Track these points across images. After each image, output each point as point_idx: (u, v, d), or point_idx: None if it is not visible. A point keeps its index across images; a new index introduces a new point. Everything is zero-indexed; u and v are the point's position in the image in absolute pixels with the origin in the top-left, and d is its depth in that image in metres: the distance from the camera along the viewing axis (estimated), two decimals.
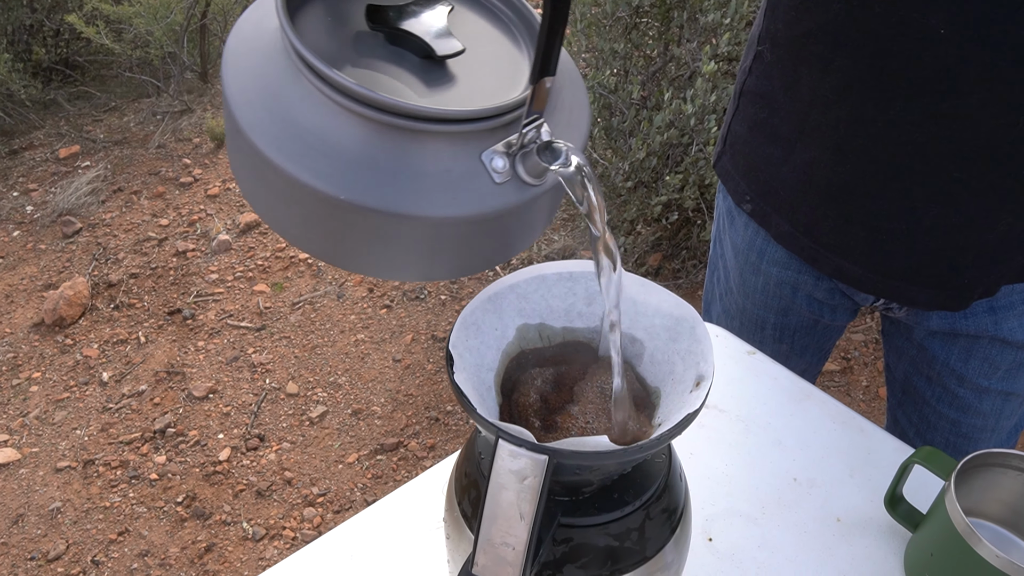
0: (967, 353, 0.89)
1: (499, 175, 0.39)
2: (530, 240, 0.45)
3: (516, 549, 0.42)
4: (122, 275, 2.43)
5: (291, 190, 0.38)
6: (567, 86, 0.44)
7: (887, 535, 0.71)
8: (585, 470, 0.45)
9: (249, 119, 0.38)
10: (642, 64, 2.18)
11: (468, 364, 0.49)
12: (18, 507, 1.80)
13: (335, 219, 0.39)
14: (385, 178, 0.37)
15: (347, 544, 0.72)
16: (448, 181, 0.38)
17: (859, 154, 0.78)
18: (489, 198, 0.39)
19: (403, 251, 0.41)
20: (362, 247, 0.40)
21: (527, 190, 0.40)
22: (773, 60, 0.84)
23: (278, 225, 0.42)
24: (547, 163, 0.39)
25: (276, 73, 0.38)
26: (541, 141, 0.40)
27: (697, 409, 0.44)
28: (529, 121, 0.39)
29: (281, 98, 0.38)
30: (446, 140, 0.38)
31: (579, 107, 0.44)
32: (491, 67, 0.43)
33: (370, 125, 0.37)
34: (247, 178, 0.42)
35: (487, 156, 0.39)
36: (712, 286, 1.13)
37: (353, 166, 0.37)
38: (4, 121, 3.06)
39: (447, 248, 0.41)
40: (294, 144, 0.37)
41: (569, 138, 0.42)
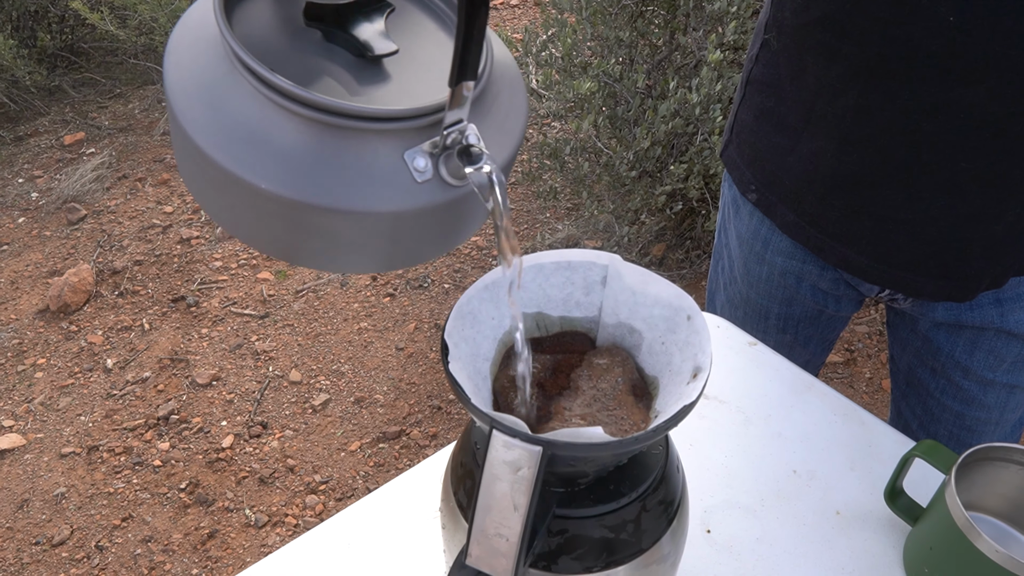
0: (972, 345, 0.88)
1: (420, 174, 0.40)
2: (463, 236, 0.46)
3: (510, 540, 0.42)
4: (126, 262, 2.43)
5: (222, 179, 0.39)
6: (504, 91, 0.44)
7: (887, 529, 0.70)
8: (580, 461, 0.45)
9: (184, 107, 0.39)
10: (647, 53, 2.17)
11: (463, 353, 0.49)
12: (23, 492, 1.81)
13: (265, 210, 0.40)
14: (310, 172, 0.38)
15: (345, 532, 0.72)
16: (370, 177, 0.39)
17: (865, 143, 0.77)
18: (409, 196, 0.40)
19: (331, 244, 0.42)
20: (292, 239, 0.41)
21: (449, 190, 0.41)
22: (780, 48, 0.84)
23: (215, 215, 0.43)
24: (465, 165, 0.39)
25: (212, 64, 0.39)
26: (463, 144, 0.40)
27: (693, 401, 0.44)
28: (451, 123, 0.39)
29: (215, 89, 0.39)
30: (371, 137, 0.39)
31: (515, 113, 0.45)
32: (427, 68, 0.44)
33: (297, 120, 0.38)
34: (185, 166, 0.42)
35: (409, 155, 0.40)
36: (716, 275, 1.12)
37: (280, 159, 0.38)
38: (9, 108, 3.06)
39: (374, 242, 0.42)
40: (224, 134, 0.38)
41: (499, 143, 0.42)
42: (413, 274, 2.38)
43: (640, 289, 0.52)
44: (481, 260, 2.43)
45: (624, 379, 0.51)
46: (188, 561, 1.68)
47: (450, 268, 2.40)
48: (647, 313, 0.51)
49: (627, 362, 0.52)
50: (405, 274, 2.38)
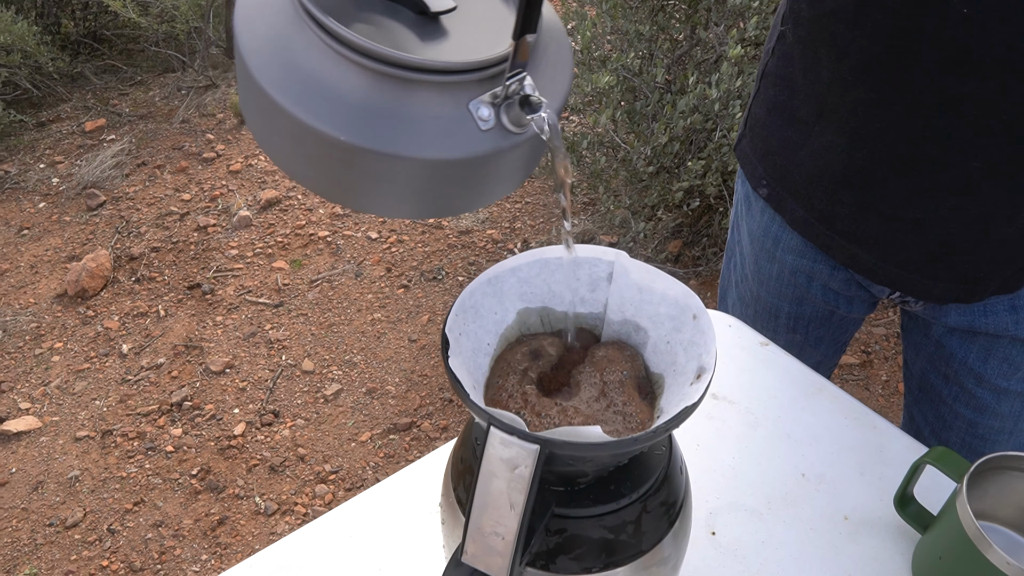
0: (986, 352, 0.86)
1: (484, 123, 0.43)
2: (514, 186, 0.49)
3: (506, 539, 0.42)
4: (144, 248, 2.45)
5: (296, 131, 0.42)
6: (552, 45, 0.47)
7: (895, 536, 0.69)
8: (579, 461, 0.44)
9: (259, 64, 0.42)
10: (667, 47, 2.14)
11: (464, 348, 0.48)
12: (38, 474, 1.84)
13: (336, 159, 0.42)
14: (381, 122, 0.41)
15: (349, 523, 0.72)
16: (438, 126, 0.42)
17: (876, 139, 0.76)
18: (475, 143, 0.43)
19: (396, 190, 0.45)
20: (359, 186, 0.44)
21: (510, 137, 0.44)
22: (794, 41, 0.82)
23: (286, 166, 0.46)
24: (527, 113, 0.42)
25: (284, 22, 0.42)
26: (522, 94, 0.43)
27: (696, 402, 0.43)
28: (512, 75, 0.42)
29: (288, 46, 0.42)
30: (436, 89, 0.42)
31: (562, 65, 0.48)
32: (482, 24, 0.47)
33: (368, 74, 0.41)
34: (257, 122, 0.45)
35: (474, 105, 0.43)
36: (728, 273, 1.11)
37: (353, 110, 0.41)
38: (32, 93, 3.09)
39: (437, 188, 0.45)
40: (299, 88, 0.41)
41: (551, 92, 0.45)
42: (427, 266, 2.38)
43: (647, 286, 0.51)
44: (496, 253, 2.42)
45: (631, 375, 0.50)
46: (198, 547, 1.69)
47: (464, 260, 2.40)
48: (653, 311, 0.51)
49: (635, 358, 0.51)
50: (419, 266, 2.38)
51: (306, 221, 2.55)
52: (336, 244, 2.47)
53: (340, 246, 2.46)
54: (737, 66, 1.87)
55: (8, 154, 2.86)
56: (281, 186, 2.70)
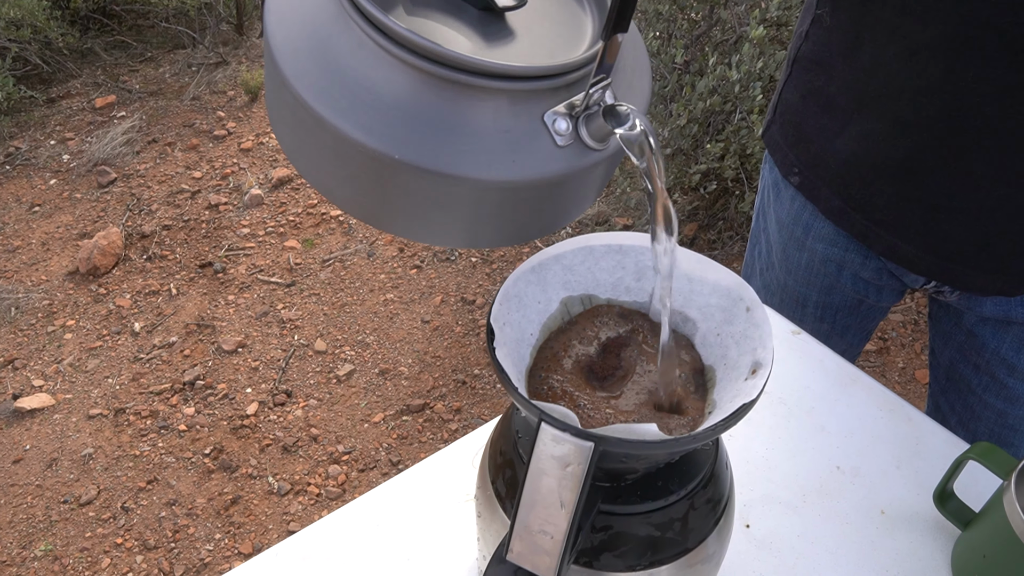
0: (1020, 342, 0.85)
1: (561, 138, 0.37)
2: (584, 207, 0.42)
3: (555, 538, 0.40)
4: (155, 226, 2.44)
5: (339, 146, 0.35)
6: (629, 46, 0.41)
7: (934, 531, 0.68)
8: (632, 458, 0.43)
9: (295, 69, 0.35)
10: (686, 27, 2.11)
11: (508, 338, 0.46)
12: (52, 451, 1.84)
13: (385, 179, 0.36)
14: (441, 136, 0.35)
15: (374, 511, 0.71)
16: (508, 142, 0.36)
17: (922, 127, 0.73)
18: (550, 161, 0.36)
19: (456, 216, 0.38)
20: (413, 210, 0.38)
21: (589, 154, 0.38)
22: (833, 25, 0.80)
23: (322, 185, 0.39)
24: (612, 126, 0.36)
25: (324, 20, 0.36)
26: (606, 104, 0.37)
27: (754, 399, 0.41)
28: (596, 81, 0.36)
29: (330, 47, 0.35)
30: (507, 98, 0.35)
31: (641, 69, 0.41)
32: (553, 23, 0.40)
33: (426, 78, 0.35)
34: (289, 133, 0.39)
35: (550, 117, 0.36)
36: (752, 260, 1.09)
37: (407, 122, 0.35)
38: (42, 69, 3.06)
39: (501, 213, 0.39)
40: (344, 97, 0.35)
41: (632, 101, 0.39)
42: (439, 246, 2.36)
43: (697, 276, 0.49)
44: None
45: (686, 366, 0.48)
46: (211, 526, 1.70)
47: None
48: (703, 302, 0.49)
49: (689, 347, 0.49)
50: (431, 245, 2.36)
51: (318, 200, 2.53)
52: (348, 223, 2.45)
53: (352, 225, 2.44)
54: (758, 47, 1.83)
55: (19, 130, 2.85)
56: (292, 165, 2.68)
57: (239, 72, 3.09)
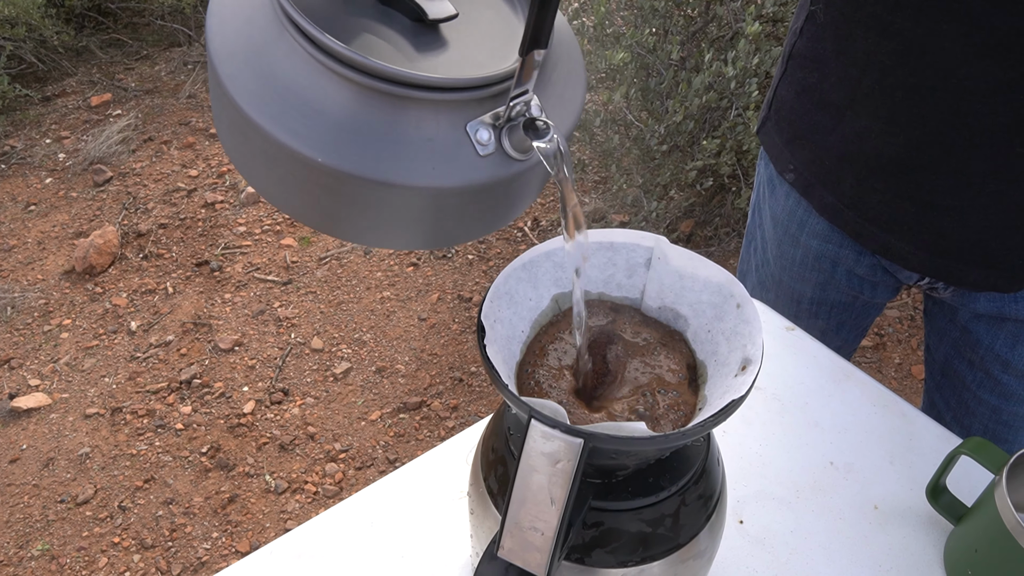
0: (1014, 338, 0.85)
1: (483, 147, 0.38)
2: (516, 213, 0.44)
3: (545, 534, 0.40)
4: (151, 225, 2.43)
5: (269, 149, 0.37)
6: (563, 59, 0.42)
7: (927, 526, 0.68)
8: (621, 455, 0.43)
9: (230, 73, 0.37)
10: (682, 23, 2.10)
11: (499, 335, 0.46)
12: (49, 451, 1.84)
13: (315, 183, 0.38)
14: (367, 143, 0.36)
15: (369, 509, 0.71)
16: (431, 150, 0.37)
17: (915, 124, 0.73)
18: (472, 170, 0.38)
19: (384, 219, 0.40)
20: (344, 214, 0.40)
21: (511, 164, 0.39)
22: (826, 21, 0.80)
23: (259, 186, 0.41)
24: (532, 139, 0.38)
25: (260, 25, 0.37)
26: (528, 116, 0.38)
27: (743, 395, 0.41)
28: (517, 94, 0.38)
29: (264, 54, 0.37)
30: (431, 108, 0.37)
31: (573, 82, 0.43)
32: (486, 34, 0.42)
33: (354, 88, 0.36)
34: (228, 135, 0.40)
35: (472, 127, 0.38)
36: (748, 256, 1.09)
37: (335, 129, 0.36)
38: (37, 67, 3.05)
39: (429, 218, 0.41)
40: (275, 103, 0.36)
41: (560, 114, 0.41)
42: None
43: (688, 273, 0.49)
44: (506, 231, 2.40)
45: (678, 360, 0.48)
46: (208, 524, 1.70)
47: None
48: (694, 298, 0.49)
49: (682, 341, 0.49)
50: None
51: None
52: None
53: None
54: (754, 43, 1.83)
55: (14, 129, 2.84)
56: None
57: None
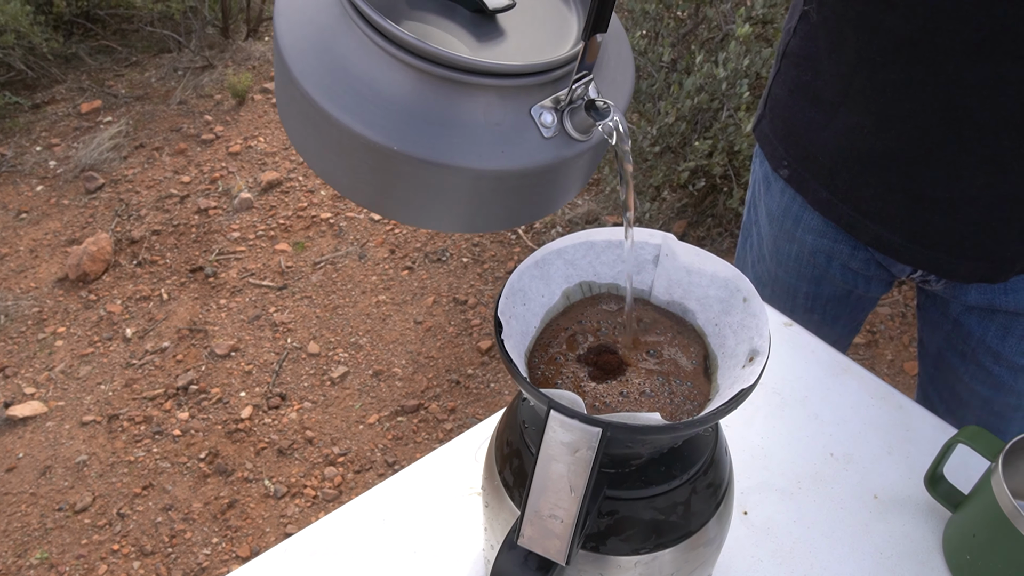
0: (1005, 330, 0.87)
1: (547, 130, 0.40)
2: (571, 195, 0.46)
3: (564, 522, 0.42)
4: (144, 232, 2.43)
5: (344, 140, 0.39)
6: (612, 44, 0.44)
7: (926, 514, 0.70)
8: (637, 443, 0.44)
9: (302, 68, 0.38)
10: (673, 26, 2.13)
11: (514, 331, 0.48)
12: (45, 459, 1.83)
13: (387, 170, 0.39)
14: (436, 130, 0.38)
15: (379, 507, 0.72)
16: (498, 134, 0.39)
17: (905, 120, 0.75)
18: (538, 152, 0.40)
19: (451, 202, 0.42)
20: (412, 198, 0.41)
21: (573, 145, 0.41)
22: (819, 21, 0.81)
23: (329, 175, 0.43)
24: (594, 120, 0.40)
25: (329, 22, 0.39)
26: (588, 98, 0.40)
27: (752, 385, 0.43)
28: (579, 77, 0.40)
29: (334, 47, 0.38)
30: (496, 93, 0.39)
31: (624, 64, 0.45)
32: (540, 23, 0.44)
33: (422, 76, 0.38)
34: (299, 128, 0.42)
35: (536, 111, 0.40)
36: (744, 253, 1.11)
37: (405, 117, 0.38)
38: (26, 75, 3.05)
39: (494, 200, 0.42)
40: (347, 93, 0.38)
41: (614, 95, 0.43)
42: (431, 247, 2.37)
43: (696, 268, 0.50)
44: (499, 234, 2.41)
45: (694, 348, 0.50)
46: (208, 530, 1.70)
47: (468, 242, 2.39)
48: (702, 293, 0.50)
49: (696, 335, 0.51)
50: (423, 247, 2.37)
51: (308, 203, 2.54)
52: (339, 226, 2.46)
53: (343, 228, 2.45)
54: (744, 44, 1.85)
55: (4, 136, 2.83)
56: (282, 168, 2.68)
57: (225, 76, 3.09)
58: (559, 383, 0.49)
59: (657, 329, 0.51)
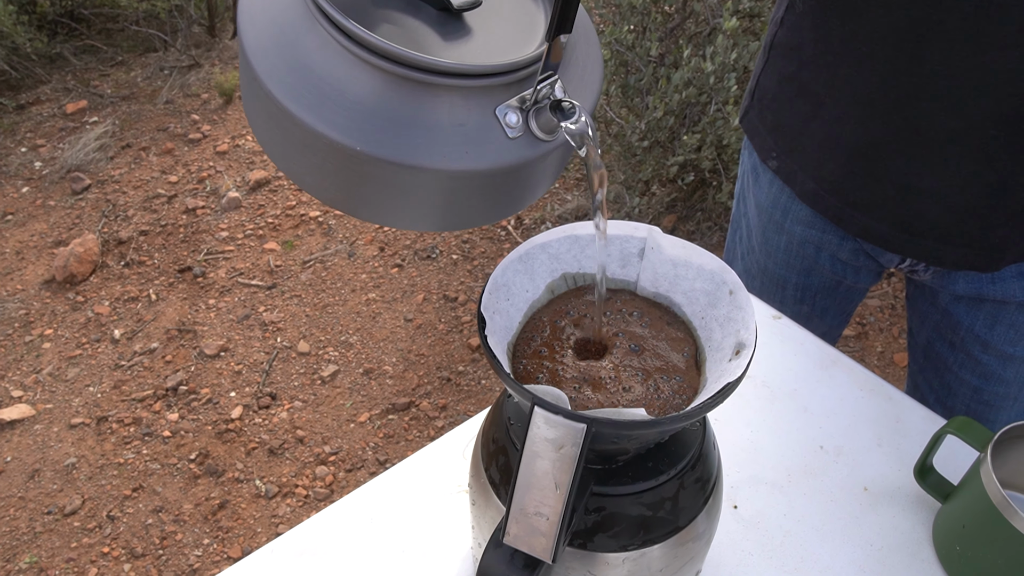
0: (993, 319, 0.87)
1: (512, 130, 0.40)
2: (539, 193, 0.46)
3: (550, 519, 0.41)
4: (132, 232, 2.41)
5: (307, 139, 0.38)
6: (581, 42, 0.44)
7: (915, 505, 0.70)
8: (623, 439, 0.44)
9: (266, 67, 0.38)
10: (660, 20, 2.12)
11: (498, 327, 0.47)
12: (34, 462, 1.82)
13: (350, 169, 0.39)
14: (400, 130, 0.38)
15: (367, 506, 0.71)
16: (462, 135, 0.39)
17: (891, 110, 0.75)
18: (503, 152, 0.39)
19: (417, 202, 0.42)
20: (376, 197, 0.41)
21: (539, 145, 0.41)
22: (805, 11, 0.81)
23: (294, 174, 0.43)
24: (558, 120, 0.39)
25: (293, 21, 0.38)
26: (554, 98, 0.40)
27: (738, 378, 0.42)
28: (544, 78, 0.39)
29: (298, 47, 0.38)
30: (461, 94, 0.38)
31: (592, 63, 0.45)
32: (507, 20, 0.43)
33: (386, 77, 0.38)
34: (263, 127, 0.42)
35: (501, 111, 0.39)
36: (734, 245, 1.11)
37: (369, 117, 0.38)
38: (10, 75, 3.02)
39: (460, 200, 0.42)
40: (311, 94, 0.38)
41: (581, 95, 0.42)
42: (421, 244, 2.36)
43: (682, 261, 0.50)
44: (489, 231, 2.41)
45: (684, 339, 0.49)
46: (199, 531, 1.69)
47: (458, 238, 2.38)
48: (688, 286, 0.50)
49: (685, 328, 0.50)
50: (413, 244, 2.36)
51: (296, 201, 2.52)
52: (328, 224, 2.44)
53: (332, 226, 2.44)
54: (732, 38, 1.85)
55: None
56: (270, 166, 2.66)
57: (212, 74, 3.07)
58: (541, 377, 0.48)
59: (646, 320, 0.51)
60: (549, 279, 0.51)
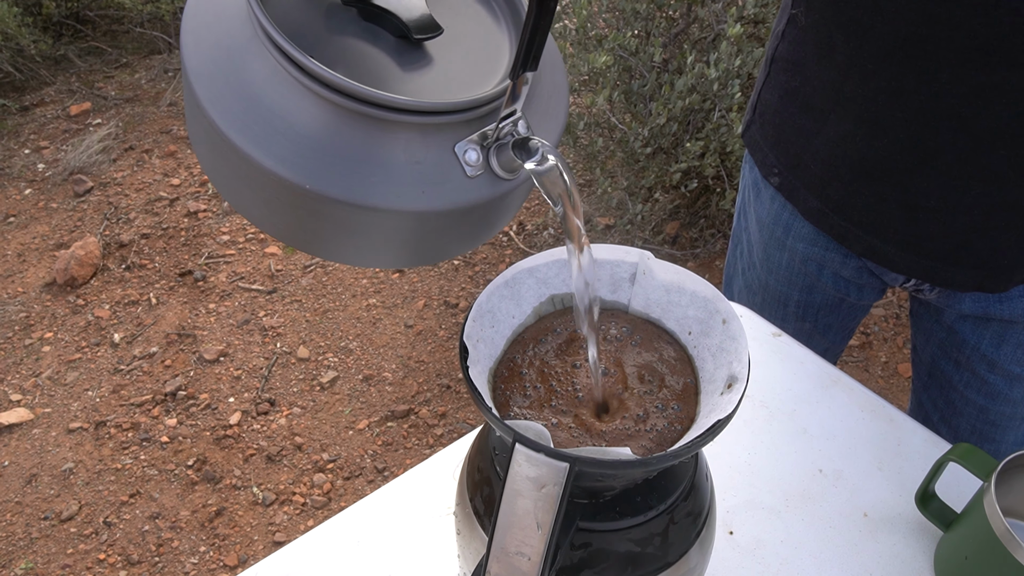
0: (1000, 338, 0.85)
1: (472, 168, 0.37)
2: (499, 228, 0.44)
3: (531, 559, 0.40)
4: (133, 235, 2.41)
5: (252, 173, 0.36)
6: (547, 71, 0.42)
7: (917, 533, 0.68)
8: (608, 476, 0.42)
9: (210, 94, 0.35)
10: (664, 26, 2.11)
11: (482, 355, 0.46)
12: (31, 467, 1.81)
13: (301, 207, 0.37)
14: (354, 168, 0.35)
15: (355, 526, 0.70)
16: (419, 173, 0.36)
17: (898, 128, 0.73)
18: (461, 192, 0.37)
19: (371, 241, 0.39)
20: (329, 235, 0.39)
21: (499, 184, 0.38)
22: (807, 25, 0.79)
23: (242, 208, 0.40)
24: (521, 160, 0.37)
25: (240, 46, 0.35)
26: (517, 136, 0.38)
27: (729, 415, 0.41)
28: (506, 115, 0.37)
29: (244, 74, 0.35)
30: (418, 131, 0.36)
31: (558, 94, 0.42)
32: (471, 50, 0.41)
33: (339, 112, 0.35)
34: (207, 156, 0.39)
35: (460, 148, 0.37)
36: (735, 260, 1.09)
37: (320, 153, 0.35)
38: (15, 77, 3.02)
39: (416, 240, 0.40)
40: (257, 125, 0.35)
41: (546, 127, 0.40)
42: None
43: (675, 287, 0.48)
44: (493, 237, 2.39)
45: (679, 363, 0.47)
46: (196, 538, 1.68)
47: None
48: (681, 313, 0.48)
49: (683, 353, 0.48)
50: None
51: None
52: None
53: None
54: (736, 45, 1.83)
55: None
56: None
57: None
58: (524, 401, 0.47)
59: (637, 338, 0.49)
60: (536, 303, 0.50)
